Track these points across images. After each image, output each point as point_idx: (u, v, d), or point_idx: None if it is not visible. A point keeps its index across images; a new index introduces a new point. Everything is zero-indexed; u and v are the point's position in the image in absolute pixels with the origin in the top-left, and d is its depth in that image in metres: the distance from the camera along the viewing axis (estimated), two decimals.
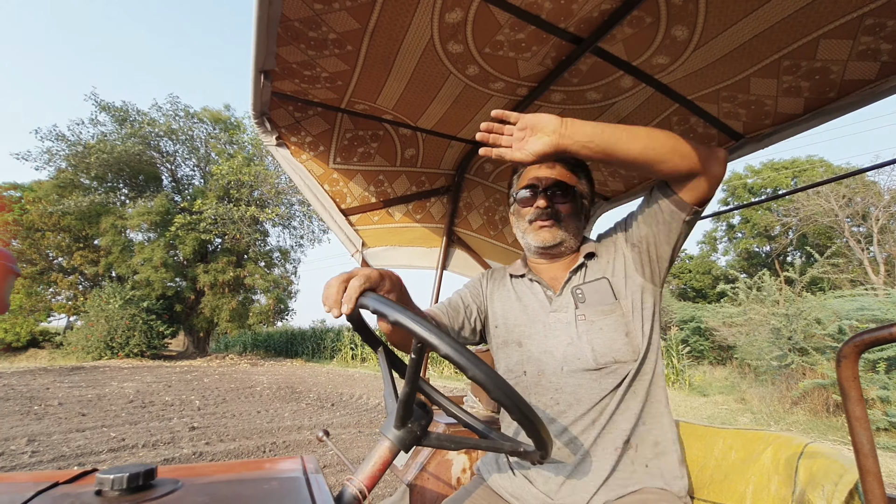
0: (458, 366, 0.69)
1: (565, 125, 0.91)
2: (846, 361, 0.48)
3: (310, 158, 1.83)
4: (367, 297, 0.76)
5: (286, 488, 0.76)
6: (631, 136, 0.94)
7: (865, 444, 0.48)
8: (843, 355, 0.48)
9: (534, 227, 1.22)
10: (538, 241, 1.21)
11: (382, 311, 0.73)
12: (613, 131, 0.94)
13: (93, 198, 18.58)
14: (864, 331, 0.49)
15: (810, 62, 1.24)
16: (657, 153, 0.94)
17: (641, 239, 1.13)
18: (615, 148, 0.93)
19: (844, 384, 0.49)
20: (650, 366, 1.12)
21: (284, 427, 6.43)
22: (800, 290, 10.64)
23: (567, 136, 0.91)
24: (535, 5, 1.19)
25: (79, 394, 8.90)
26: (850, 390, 0.49)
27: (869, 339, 0.47)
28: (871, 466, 0.48)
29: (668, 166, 0.95)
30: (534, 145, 0.92)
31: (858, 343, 0.48)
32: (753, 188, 23.84)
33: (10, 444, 5.05)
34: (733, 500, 1.10)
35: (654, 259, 1.12)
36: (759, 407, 9.04)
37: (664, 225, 1.07)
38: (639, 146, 0.93)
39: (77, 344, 17.41)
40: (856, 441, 0.49)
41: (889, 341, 0.45)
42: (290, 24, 1.25)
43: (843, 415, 7.67)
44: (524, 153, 0.92)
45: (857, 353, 0.48)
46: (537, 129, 0.92)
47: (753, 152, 1.62)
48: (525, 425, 0.77)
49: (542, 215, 1.20)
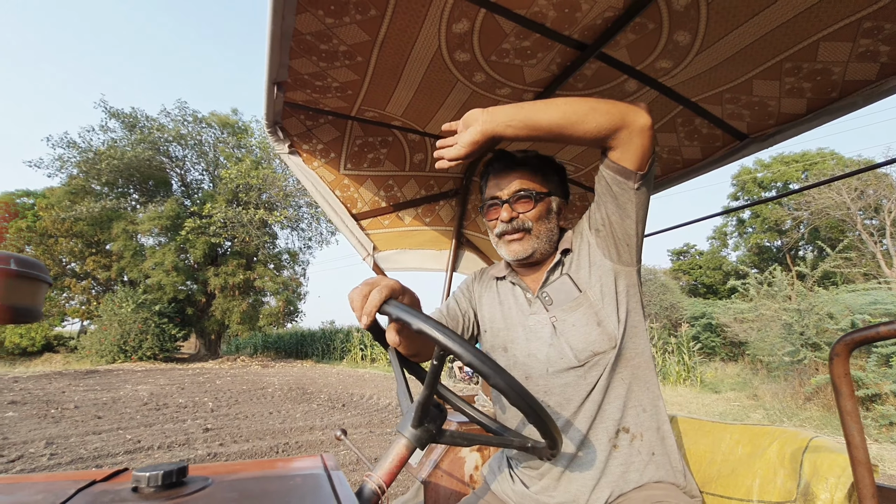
0: (481, 372, 0.73)
1: (486, 112, 0.99)
2: (838, 359, 0.51)
3: (321, 165, 1.88)
4: (391, 305, 0.81)
5: (310, 484, 0.80)
6: (548, 105, 0.99)
7: (856, 437, 0.51)
8: (835, 353, 0.51)
9: (503, 241, 1.22)
10: (511, 254, 1.21)
11: (407, 319, 0.77)
12: (533, 105, 1.00)
13: (104, 203, 18.89)
14: (855, 329, 0.51)
15: (811, 64, 1.26)
16: (577, 114, 0.97)
17: (603, 221, 1.12)
18: (538, 119, 0.98)
19: (836, 381, 0.52)
20: (633, 349, 1.12)
21: (296, 428, 6.51)
22: (811, 284, 10.54)
23: (490, 121, 0.98)
24: (540, 14, 1.22)
25: (94, 397, 9.07)
26: (842, 386, 0.52)
27: (859, 338, 0.50)
28: (861, 457, 0.51)
29: (591, 125, 0.97)
30: (465, 137, 0.99)
31: (849, 341, 0.51)
32: (763, 182, 23.59)
33: (29, 446, 5.17)
34: (740, 493, 1.13)
35: (619, 238, 1.11)
36: (772, 403, 8.98)
37: (616, 200, 1.07)
38: (559, 112, 0.98)
39: (91, 348, 17.71)
40: (847, 434, 0.52)
41: (877, 339, 0.48)
42: (303, 38, 1.30)
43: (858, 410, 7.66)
44: (458, 147, 1.00)
45: (848, 350, 0.51)
46: (468, 123, 1.00)
47: (758, 152, 1.65)
48: (540, 426, 0.82)
49: (509, 229, 1.19)
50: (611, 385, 1.09)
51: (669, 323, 19.07)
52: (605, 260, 1.14)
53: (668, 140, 1.72)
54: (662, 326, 17.98)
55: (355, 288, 0.86)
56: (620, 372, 1.10)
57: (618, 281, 1.13)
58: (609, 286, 1.13)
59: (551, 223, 1.22)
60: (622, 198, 1.05)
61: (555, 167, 1.28)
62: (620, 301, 1.12)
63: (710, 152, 1.73)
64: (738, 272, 18.31)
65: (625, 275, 1.13)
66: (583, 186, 2.19)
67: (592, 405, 1.08)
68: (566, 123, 0.98)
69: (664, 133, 1.69)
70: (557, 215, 1.25)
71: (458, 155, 1.00)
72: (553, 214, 1.24)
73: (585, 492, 1.05)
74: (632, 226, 1.08)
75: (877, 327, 0.49)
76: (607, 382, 1.09)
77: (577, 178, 2.14)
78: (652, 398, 1.13)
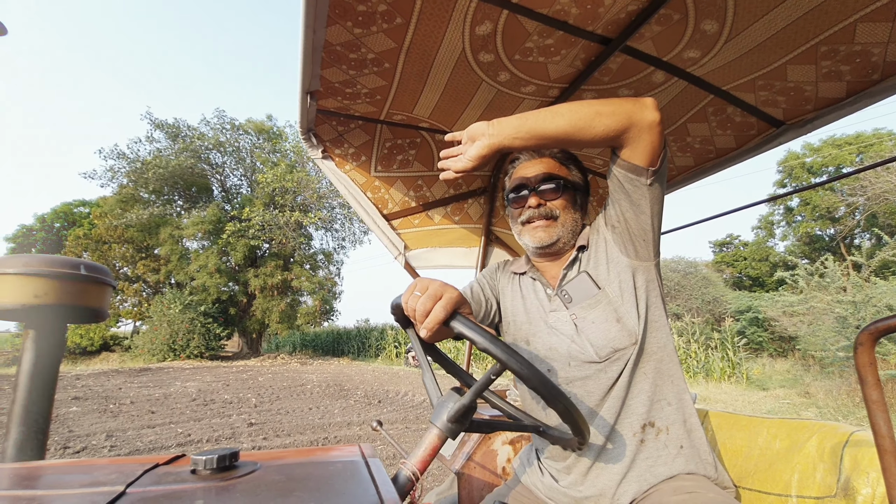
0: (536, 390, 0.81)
1: (491, 125, 0.98)
2: (862, 348, 0.51)
3: (353, 168, 1.95)
4: (458, 321, 0.83)
5: (349, 470, 0.85)
6: (553, 114, 0.98)
7: (883, 426, 0.51)
8: (859, 342, 0.51)
9: (528, 227, 1.22)
10: (535, 241, 1.21)
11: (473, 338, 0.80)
12: (537, 115, 0.99)
13: (152, 210, 20.00)
14: (879, 319, 0.51)
15: (849, 46, 1.21)
16: (583, 120, 0.96)
17: (619, 219, 1.12)
18: (544, 129, 0.97)
19: (861, 370, 0.52)
20: (654, 344, 1.11)
21: (335, 423, 6.71)
22: (868, 274, 9.92)
23: (495, 134, 0.98)
24: (562, 12, 1.23)
25: (147, 393, 9.63)
26: (867, 375, 0.52)
27: (883, 327, 0.50)
28: (888, 446, 0.51)
29: (600, 128, 0.97)
30: (471, 151, 0.99)
31: (873, 331, 0.51)
32: (813, 167, 22.30)
33: (92, 439, 5.56)
34: (779, 488, 1.11)
35: (635, 234, 1.11)
36: (826, 401, 8.51)
37: (629, 197, 1.07)
38: (564, 120, 0.97)
39: (143, 347, 18.76)
40: (874, 423, 0.52)
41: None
42: (333, 49, 1.36)
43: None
44: (464, 161, 1.01)
45: (873, 340, 0.51)
46: (473, 136, 1.00)
47: (796, 138, 1.59)
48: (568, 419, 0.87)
49: (536, 215, 1.20)
50: (633, 380, 1.10)
51: (712, 317, 18.37)
52: (622, 256, 1.14)
53: (700, 130, 1.69)
54: (705, 321, 17.33)
55: (412, 294, 0.86)
56: (643, 367, 1.11)
57: (636, 276, 1.13)
58: (627, 282, 1.12)
59: (576, 214, 1.24)
60: (635, 195, 1.05)
61: (576, 160, 1.29)
62: (640, 296, 1.12)
63: (745, 141, 1.68)
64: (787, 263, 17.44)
65: (643, 270, 1.13)
66: None
67: (616, 401, 1.09)
68: (573, 130, 0.98)
69: (695, 123, 1.65)
70: (581, 209, 1.27)
71: (465, 168, 1.02)
72: (578, 206, 1.25)
73: (612, 486, 1.06)
74: (647, 221, 1.08)
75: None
76: (630, 378, 1.09)
77: (605, 171, 2.12)
78: (677, 392, 1.12)
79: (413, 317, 0.86)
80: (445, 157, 1.07)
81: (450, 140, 1.06)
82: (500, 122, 0.99)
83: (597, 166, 2.10)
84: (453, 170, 1.04)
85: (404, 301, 0.88)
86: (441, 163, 1.08)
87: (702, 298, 19.34)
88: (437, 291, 0.85)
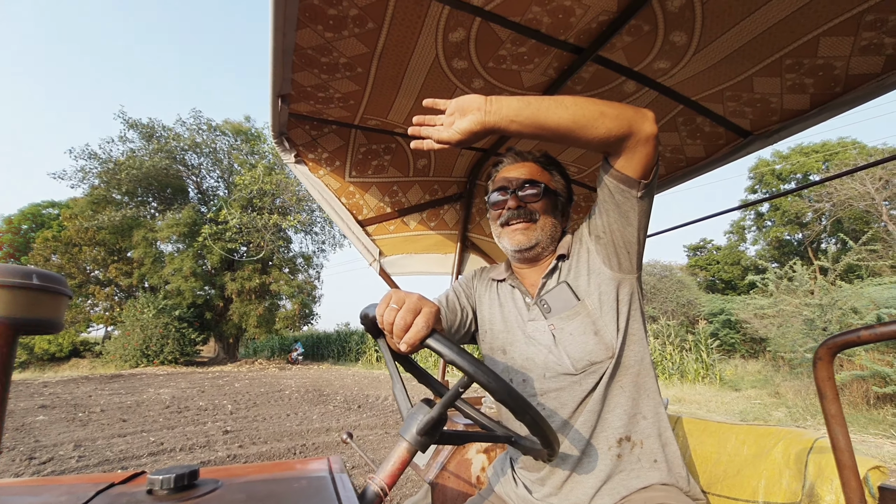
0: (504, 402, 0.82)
1: (490, 102, 0.90)
2: (821, 363, 0.52)
3: (327, 173, 1.92)
4: (434, 339, 0.81)
5: (314, 486, 0.83)
6: (558, 105, 0.91)
7: (841, 440, 0.52)
8: (818, 357, 0.52)
9: (507, 230, 1.20)
10: (513, 243, 1.19)
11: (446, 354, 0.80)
12: (541, 102, 0.91)
13: (125, 212, 19.40)
14: (836, 334, 0.52)
15: (812, 59, 1.25)
16: (587, 118, 0.91)
17: (605, 229, 1.10)
18: (545, 118, 0.91)
19: (820, 384, 0.52)
20: (632, 357, 1.10)
21: (313, 429, 6.60)
22: (834, 278, 10.28)
23: (493, 112, 0.90)
24: (535, 21, 1.23)
25: (119, 400, 9.31)
26: (826, 390, 0.52)
27: (841, 342, 0.50)
28: (846, 460, 0.51)
29: (600, 130, 0.92)
30: (461, 124, 0.91)
31: (831, 346, 0.51)
32: (782, 174, 23.06)
33: (59, 449, 5.34)
34: (746, 494, 1.12)
35: (620, 247, 1.09)
36: (795, 401, 8.76)
37: (619, 208, 1.04)
38: (568, 113, 0.91)
39: (115, 353, 18.16)
40: (833, 437, 0.52)
41: (857, 344, 0.49)
42: (304, 52, 1.33)
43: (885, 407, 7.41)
44: (451, 132, 0.92)
45: (831, 355, 0.52)
46: (465, 109, 0.91)
47: (763, 148, 1.63)
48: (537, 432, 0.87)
49: (515, 216, 1.18)
50: (610, 394, 1.09)
51: (687, 320, 18.77)
52: (604, 268, 1.12)
53: (671, 139, 1.71)
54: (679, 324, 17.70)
55: (388, 307, 0.82)
56: (620, 381, 1.10)
57: (619, 289, 1.11)
58: (608, 294, 1.11)
59: (556, 219, 1.22)
60: (625, 206, 1.03)
61: (559, 166, 1.28)
62: (621, 309, 1.11)
63: (714, 150, 1.72)
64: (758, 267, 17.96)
65: (626, 283, 1.12)
66: (587, 187, 2.19)
67: (591, 414, 1.08)
68: (575, 127, 0.92)
69: (666, 132, 1.68)
70: (562, 215, 1.25)
71: (450, 140, 0.92)
72: (558, 212, 1.23)
73: (587, 499, 1.06)
74: (633, 233, 1.07)
75: (858, 331, 0.49)
76: (605, 391, 1.08)
77: (580, 178, 2.14)
78: (653, 405, 1.12)
79: (390, 330, 0.83)
80: (420, 123, 0.97)
81: (429, 106, 0.96)
82: (500, 100, 0.90)
83: (572, 174, 2.11)
84: (434, 139, 0.94)
85: (379, 313, 0.85)
86: (415, 128, 0.97)
87: (677, 301, 19.75)
88: (415, 305, 0.82)
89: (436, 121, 0.96)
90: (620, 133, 0.93)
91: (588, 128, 0.92)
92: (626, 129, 0.93)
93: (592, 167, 2.03)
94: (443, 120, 0.94)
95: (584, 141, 0.95)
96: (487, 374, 0.78)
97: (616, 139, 0.94)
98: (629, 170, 0.99)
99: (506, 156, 1.27)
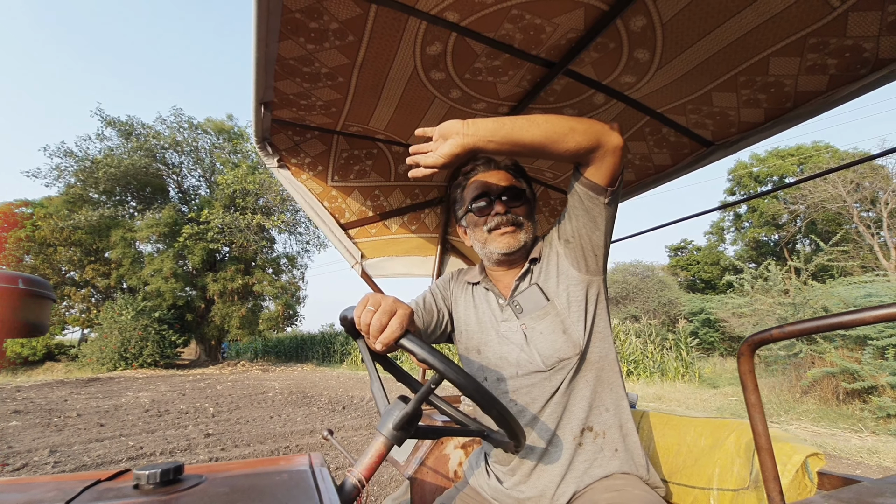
0: (472, 397, 0.87)
1: (467, 125, 0.98)
2: (743, 358, 0.59)
3: (309, 178, 1.96)
4: (408, 339, 0.87)
5: (295, 480, 0.88)
6: (531, 123, 0.99)
7: (760, 426, 0.59)
8: (740, 353, 0.59)
9: (496, 234, 1.26)
10: (502, 247, 1.25)
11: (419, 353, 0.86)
12: (514, 122, 0.99)
13: (102, 211, 18.96)
14: (754, 334, 0.59)
15: (764, 77, 1.34)
16: (557, 134, 0.99)
17: (573, 233, 1.18)
18: (520, 136, 0.99)
19: (743, 377, 0.60)
20: (597, 353, 1.18)
21: (297, 431, 6.58)
22: (806, 278, 10.64)
23: (470, 135, 0.97)
24: (508, 36, 1.30)
25: (96, 405, 9.12)
26: (747, 382, 0.59)
27: (757, 340, 0.58)
28: (764, 444, 0.59)
29: (572, 144, 1.00)
30: (443, 148, 0.99)
31: (751, 342, 0.58)
32: (759, 177, 23.71)
33: (34, 455, 5.23)
34: (702, 482, 1.21)
35: (588, 250, 1.17)
36: (769, 397, 9.04)
37: (588, 213, 1.13)
38: (540, 130, 0.99)
39: (92, 356, 17.73)
40: (753, 423, 0.60)
41: (773, 341, 0.56)
42: (286, 62, 1.37)
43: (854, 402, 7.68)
44: (436, 157, 1.00)
45: (751, 350, 0.59)
46: (446, 134, 0.99)
47: (726, 156, 1.72)
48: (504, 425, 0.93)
49: (504, 221, 1.25)
50: (575, 387, 1.16)
51: (668, 319, 19.16)
52: (573, 270, 1.21)
53: (639, 148, 1.80)
54: (661, 323, 18.05)
55: (365, 309, 0.88)
56: (584, 375, 1.17)
57: (588, 290, 1.19)
58: (576, 295, 1.19)
59: (533, 223, 1.30)
60: (594, 211, 1.12)
61: (525, 175, 1.36)
62: (589, 309, 1.19)
63: (680, 158, 1.81)
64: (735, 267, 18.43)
65: (593, 284, 1.20)
66: (562, 192, 2.27)
67: (558, 406, 1.15)
68: (548, 142, 1.00)
69: (635, 142, 1.77)
70: (534, 220, 1.33)
71: (436, 164, 1.01)
72: (531, 217, 1.31)
73: (552, 487, 1.13)
74: (600, 237, 1.15)
75: (770, 330, 0.56)
76: (571, 385, 1.16)
77: (556, 184, 2.21)
78: (615, 399, 1.20)
79: (366, 331, 0.89)
80: (415, 152, 1.05)
81: (420, 135, 1.06)
82: (476, 122, 0.99)
83: (547, 178, 2.19)
84: (423, 165, 1.02)
85: (357, 315, 0.90)
86: (410, 158, 1.06)
87: (658, 301, 20.15)
88: (391, 307, 0.87)
89: (423, 148, 1.04)
90: (589, 146, 1.02)
91: (559, 143, 1.00)
92: (595, 142, 1.02)
93: (567, 173, 2.11)
94: (430, 146, 1.02)
95: (557, 154, 1.03)
96: (457, 371, 0.84)
97: (585, 151, 1.02)
98: (598, 178, 1.07)
99: (477, 162, 1.33)
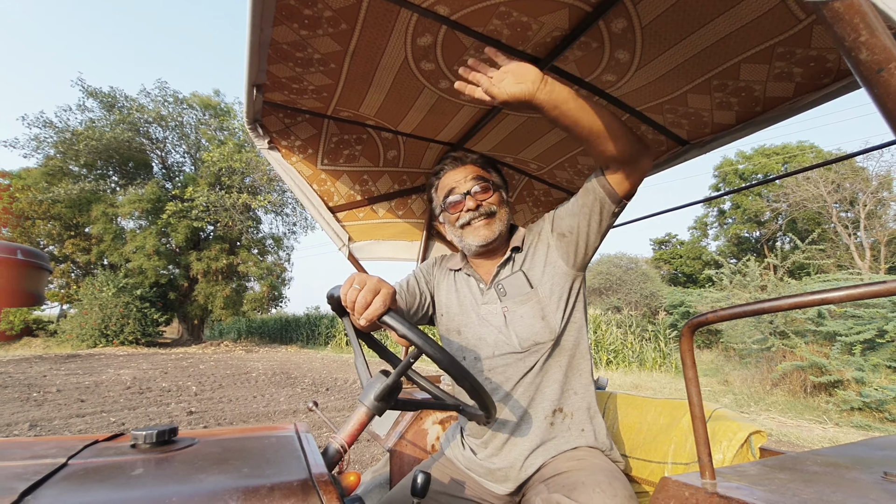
0: (448, 371, 0.94)
1: (546, 81, 0.95)
2: (684, 338, 0.67)
3: (299, 160, 1.99)
4: (390, 316, 0.95)
5: (282, 443, 0.95)
6: (598, 110, 1.02)
7: (695, 398, 0.67)
8: (682, 334, 0.67)
9: (469, 229, 1.33)
10: (479, 239, 1.31)
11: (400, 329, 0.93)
12: (585, 102, 1.00)
13: (83, 185, 18.51)
14: (695, 315, 0.67)
15: (735, 82, 1.42)
16: (611, 132, 1.03)
17: (571, 229, 1.25)
18: (584, 116, 1.00)
19: (683, 355, 0.68)
20: (570, 341, 1.28)
21: (280, 411, 6.66)
22: (782, 275, 10.98)
23: (546, 92, 0.95)
24: (496, 31, 1.35)
25: (76, 381, 9.07)
26: (687, 359, 0.68)
27: (696, 322, 0.66)
28: (698, 413, 0.67)
29: (617, 147, 1.05)
30: (510, 87, 0.94)
31: (692, 324, 0.66)
32: (744, 174, 24.13)
33: (13, 429, 5.23)
34: (659, 457, 1.31)
35: (580, 247, 1.25)
36: (741, 388, 9.39)
37: (594, 214, 1.20)
38: (602, 122, 1.02)
39: (71, 332, 17.51)
40: (689, 395, 0.68)
41: (708, 323, 0.64)
42: (279, 47, 1.41)
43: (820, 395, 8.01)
44: (498, 90, 0.94)
45: (691, 332, 0.67)
46: (520, 76, 0.94)
47: (699, 156, 1.80)
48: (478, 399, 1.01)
49: (476, 216, 1.32)
50: (547, 371, 1.26)
51: (649, 311, 19.57)
52: (562, 263, 1.29)
53: None
54: (642, 314, 18.45)
55: (351, 287, 0.94)
56: (558, 360, 1.27)
57: (572, 283, 1.28)
58: (559, 286, 1.28)
59: (507, 209, 1.38)
60: (602, 214, 1.20)
61: (493, 165, 1.44)
62: (569, 301, 1.28)
63: (657, 156, 1.89)
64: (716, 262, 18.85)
65: (577, 279, 1.30)
66: (546, 183, 2.34)
67: (531, 386, 1.24)
68: (600, 136, 1.03)
69: None
70: (508, 205, 1.41)
71: (497, 96, 0.95)
72: (505, 203, 1.39)
73: (521, 458, 1.23)
74: (596, 239, 1.24)
75: (706, 314, 0.65)
76: (544, 368, 1.25)
77: (540, 175, 2.28)
78: (584, 384, 1.30)
79: (352, 308, 0.96)
80: (474, 67, 0.99)
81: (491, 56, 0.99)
82: (554, 83, 0.97)
83: (531, 170, 2.26)
84: (484, 89, 0.96)
85: (343, 293, 0.97)
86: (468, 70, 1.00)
87: (640, 293, 20.54)
88: (375, 286, 0.94)
89: (487, 73, 0.98)
90: (628, 157, 1.09)
91: (607, 141, 1.06)
92: (634, 156, 1.09)
93: (550, 165, 2.17)
94: (493, 74, 0.96)
95: (598, 150, 1.09)
96: (433, 346, 0.92)
97: (622, 160, 1.10)
98: (618, 187, 1.15)
99: (444, 164, 1.40)
